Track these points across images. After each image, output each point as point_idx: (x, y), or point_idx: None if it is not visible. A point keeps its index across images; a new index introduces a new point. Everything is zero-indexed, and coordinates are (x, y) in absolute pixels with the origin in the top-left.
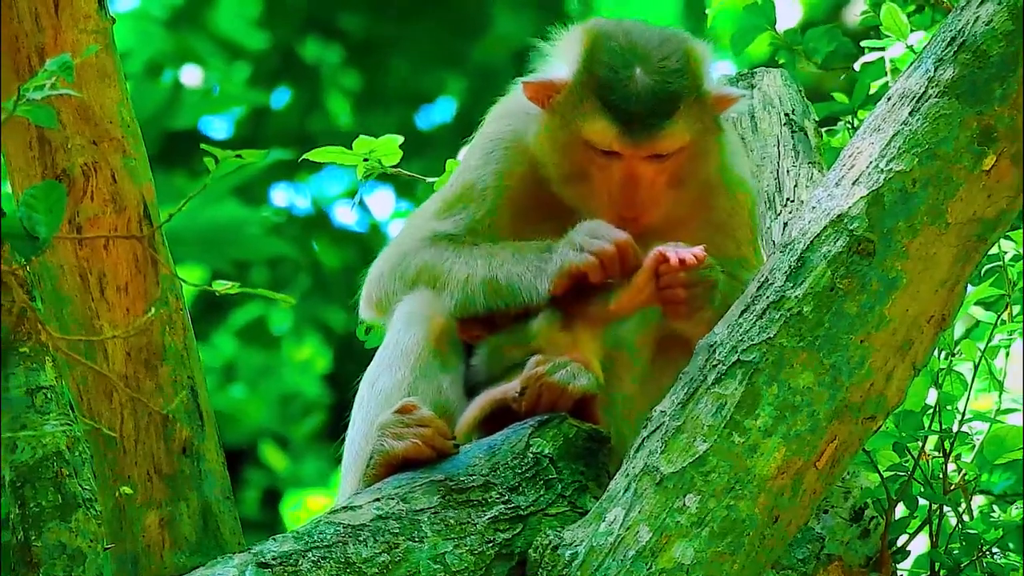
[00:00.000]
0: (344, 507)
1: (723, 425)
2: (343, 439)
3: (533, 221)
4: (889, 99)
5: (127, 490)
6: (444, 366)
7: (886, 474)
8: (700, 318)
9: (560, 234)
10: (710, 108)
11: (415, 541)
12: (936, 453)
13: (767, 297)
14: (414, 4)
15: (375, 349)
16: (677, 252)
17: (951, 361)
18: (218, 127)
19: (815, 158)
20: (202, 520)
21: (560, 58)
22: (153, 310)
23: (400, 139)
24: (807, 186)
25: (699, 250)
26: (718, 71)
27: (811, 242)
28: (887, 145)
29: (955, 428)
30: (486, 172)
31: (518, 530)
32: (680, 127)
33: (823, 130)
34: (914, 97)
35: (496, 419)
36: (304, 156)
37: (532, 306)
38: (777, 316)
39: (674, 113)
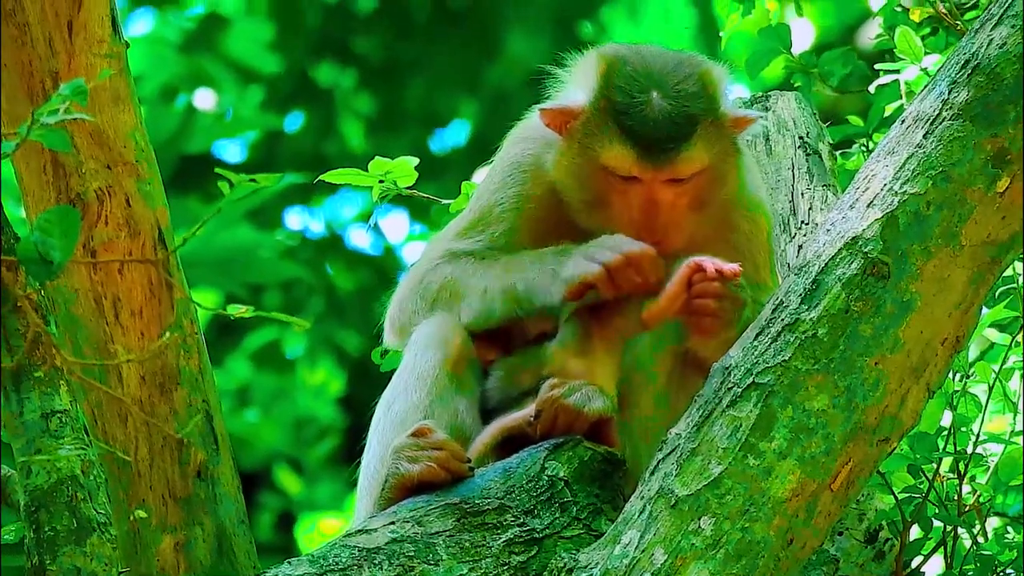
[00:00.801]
0: (359, 530)
1: (738, 447)
2: (359, 462)
3: (552, 244)
4: (903, 122)
5: (142, 514)
6: (460, 389)
7: (901, 496)
8: (722, 339)
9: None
10: (727, 130)
11: (430, 564)
12: (951, 475)
13: (782, 319)
14: (428, 28)
15: (390, 372)
16: (713, 262)
17: (965, 383)
18: (232, 151)
19: (829, 181)
20: (217, 544)
21: (576, 84)
22: (167, 334)
23: (415, 160)
24: (821, 209)
25: (735, 265)
26: (734, 94)
27: (826, 264)
28: (901, 167)
29: (970, 450)
30: (505, 195)
31: (533, 553)
32: (698, 150)
33: (838, 153)
34: (928, 119)
35: (509, 445)
36: (320, 177)
37: (548, 312)
38: (792, 338)
39: (692, 136)
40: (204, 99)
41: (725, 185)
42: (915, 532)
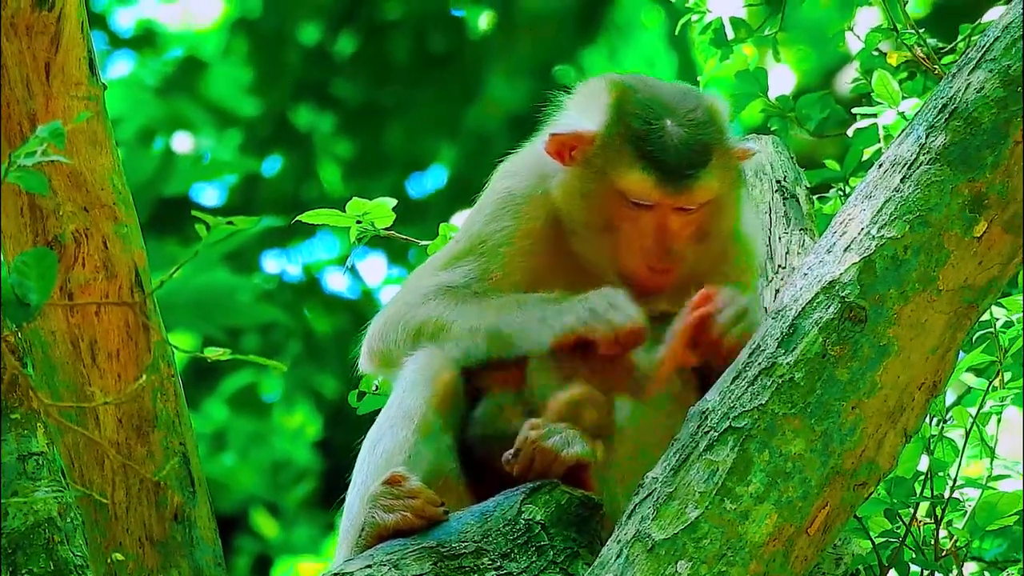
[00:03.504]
0: (335, 573)
1: (715, 491)
2: (341, 499)
3: (544, 280)
4: (881, 166)
5: (119, 557)
6: (447, 427)
7: (878, 540)
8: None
9: (572, 293)
10: (734, 161)
11: None
12: (928, 519)
13: (759, 364)
14: (407, 71)
15: (366, 416)
16: (705, 304)
17: (942, 427)
18: (210, 194)
19: (807, 225)
20: None
21: (584, 110)
22: (144, 377)
23: (393, 202)
24: (798, 253)
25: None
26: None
27: (803, 309)
28: (879, 212)
29: (947, 494)
30: (498, 227)
31: None
32: (712, 177)
33: (815, 197)
34: (906, 164)
35: (485, 488)
36: (298, 218)
37: (532, 356)
38: (769, 383)
39: (708, 164)
40: (182, 142)
41: (728, 216)
42: None
